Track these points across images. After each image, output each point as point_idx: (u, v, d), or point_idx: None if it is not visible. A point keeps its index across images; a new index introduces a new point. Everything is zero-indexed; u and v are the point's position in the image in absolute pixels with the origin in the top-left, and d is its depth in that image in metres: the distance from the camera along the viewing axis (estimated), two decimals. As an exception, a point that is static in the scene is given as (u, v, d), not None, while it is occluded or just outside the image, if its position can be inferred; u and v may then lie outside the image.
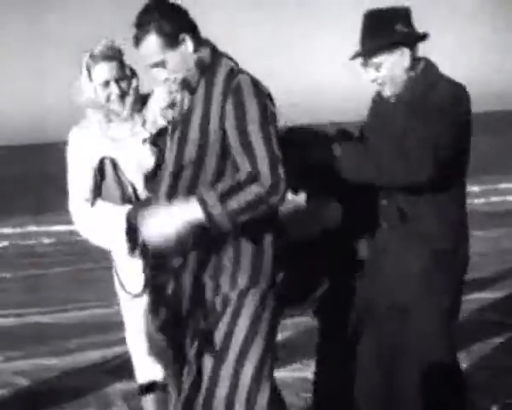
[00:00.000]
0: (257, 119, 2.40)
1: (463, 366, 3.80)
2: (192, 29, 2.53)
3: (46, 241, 13.52)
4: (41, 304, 7.40)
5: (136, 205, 3.05)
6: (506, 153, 29.81)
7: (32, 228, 15.32)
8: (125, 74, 3.14)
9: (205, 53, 2.53)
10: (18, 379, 4.84)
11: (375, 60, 2.82)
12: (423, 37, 2.89)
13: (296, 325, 5.43)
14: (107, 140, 3.15)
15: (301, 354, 4.79)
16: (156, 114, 2.64)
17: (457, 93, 2.79)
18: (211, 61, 2.53)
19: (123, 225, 3.05)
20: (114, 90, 3.09)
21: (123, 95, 3.11)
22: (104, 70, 3.08)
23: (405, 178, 2.69)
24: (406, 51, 2.82)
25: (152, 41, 2.46)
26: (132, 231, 3.02)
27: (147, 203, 2.98)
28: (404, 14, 2.87)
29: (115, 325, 3.71)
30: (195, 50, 2.51)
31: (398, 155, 2.69)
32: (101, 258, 4.94)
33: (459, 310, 2.96)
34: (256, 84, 2.47)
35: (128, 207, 3.07)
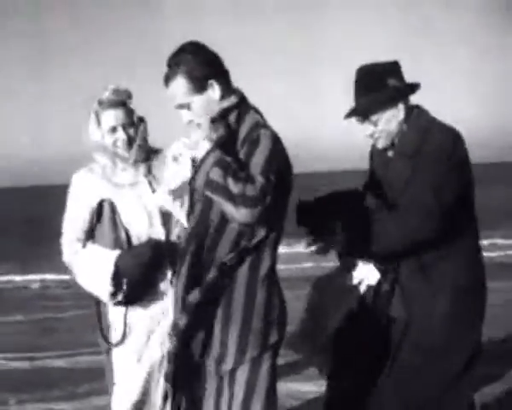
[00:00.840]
0: (260, 165, 2.38)
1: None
2: (222, 75, 2.55)
3: (59, 284, 13.56)
4: (54, 348, 7.39)
5: (126, 251, 3.07)
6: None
7: (46, 272, 15.36)
8: (132, 120, 3.19)
9: (231, 102, 2.54)
10: (28, 424, 4.85)
11: (372, 117, 2.89)
12: (415, 87, 2.95)
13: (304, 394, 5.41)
14: (109, 184, 3.20)
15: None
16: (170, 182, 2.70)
17: (452, 138, 2.84)
18: (236, 111, 2.54)
19: (109, 269, 3.05)
20: (121, 135, 3.14)
21: (130, 141, 3.16)
22: (111, 116, 3.14)
23: (417, 235, 2.77)
24: (401, 105, 2.89)
25: (179, 83, 2.51)
26: (118, 277, 3.04)
27: (137, 250, 3.08)
28: (394, 69, 2.93)
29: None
30: (222, 98, 2.52)
31: (402, 219, 2.78)
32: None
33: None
34: (275, 140, 2.47)
35: (117, 252, 3.08)
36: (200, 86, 2.51)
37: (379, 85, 2.87)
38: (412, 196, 2.78)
